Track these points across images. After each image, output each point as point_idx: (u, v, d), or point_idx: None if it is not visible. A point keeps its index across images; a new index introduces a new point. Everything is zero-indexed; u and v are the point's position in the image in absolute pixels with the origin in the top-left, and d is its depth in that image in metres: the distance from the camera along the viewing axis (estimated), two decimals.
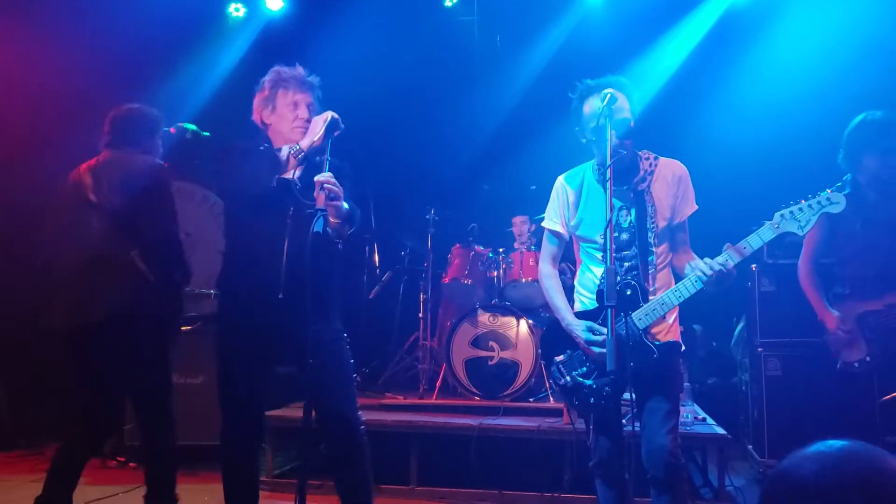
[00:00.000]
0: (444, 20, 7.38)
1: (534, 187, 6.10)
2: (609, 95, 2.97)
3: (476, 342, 5.63)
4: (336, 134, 3.19)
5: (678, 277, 3.19)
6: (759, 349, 5.16)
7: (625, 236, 3.16)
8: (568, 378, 3.12)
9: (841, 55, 5.93)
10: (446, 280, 6.16)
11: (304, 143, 3.18)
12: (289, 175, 3.14)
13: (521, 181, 6.53)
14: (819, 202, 2.95)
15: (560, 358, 3.17)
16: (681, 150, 3.42)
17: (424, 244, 6.24)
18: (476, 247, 6.17)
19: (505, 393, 5.47)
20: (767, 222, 2.98)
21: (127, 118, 3.88)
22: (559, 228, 3.31)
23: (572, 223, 3.26)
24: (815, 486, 1.06)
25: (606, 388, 2.98)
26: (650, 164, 3.21)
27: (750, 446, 5.41)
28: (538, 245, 6.05)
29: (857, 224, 3.18)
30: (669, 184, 3.19)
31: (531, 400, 5.52)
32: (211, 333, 3.39)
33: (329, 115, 3.21)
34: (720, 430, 4.68)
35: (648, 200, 3.16)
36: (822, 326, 4.01)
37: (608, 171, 2.89)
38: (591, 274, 3.24)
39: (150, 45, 6.53)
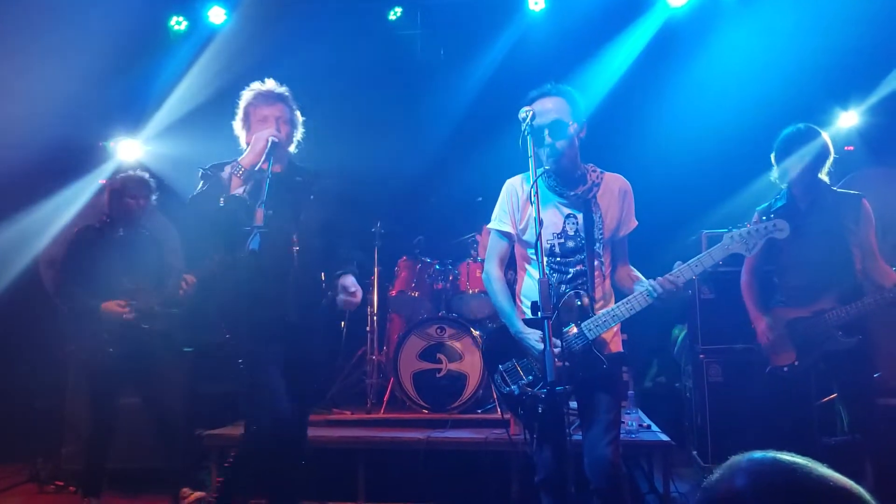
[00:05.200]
0: (387, 34, 7.36)
1: (480, 199, 6.11)
2: (531, 114, 2.99)
3: (424, 355, 5.61)
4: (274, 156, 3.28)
5: (617, 290, 3.24)
6: (701, 356, 5.25)
7: (571, 244, 3.16)
8: (514, 387, 3.11)
9: (774, 66, 6.11)
10: (393, 293, 6.13)
11: (246, 162, 3.19)
12: (238, 191, 3.13)
13: (467, 193, 6.54)
14: (766, 227, 3.15)
15: (505, 366, 3.15)
16: (619, 161, 3.48)
17: (371, 257, 6.20)
18: (423, 259, 6.16)
19: (453, 405, 5.46)
20: (718, 243, 3.15)
21: None
22: (509, 229, 3.27)
23: (521, 226, 3.24)
24: (746, 496, 1.09)
25: (553, 398, 2.94)
26: (597, 177, 3.24)
27: (694, 452, 5.50)
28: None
29: (791, 234, 3.32)
30: (616, 197, 3.23)
31: (479, 411, 5.52)
32: None
33: (269, 138, 3.27)
34: (664, 437, 4.74)
35: (595, 210, 3.18)
36: (754, 333, 4.19)
37: (533, 186, 2.87)
38: (532, 282, 3.21)
39: (89, 58, 6.39)
